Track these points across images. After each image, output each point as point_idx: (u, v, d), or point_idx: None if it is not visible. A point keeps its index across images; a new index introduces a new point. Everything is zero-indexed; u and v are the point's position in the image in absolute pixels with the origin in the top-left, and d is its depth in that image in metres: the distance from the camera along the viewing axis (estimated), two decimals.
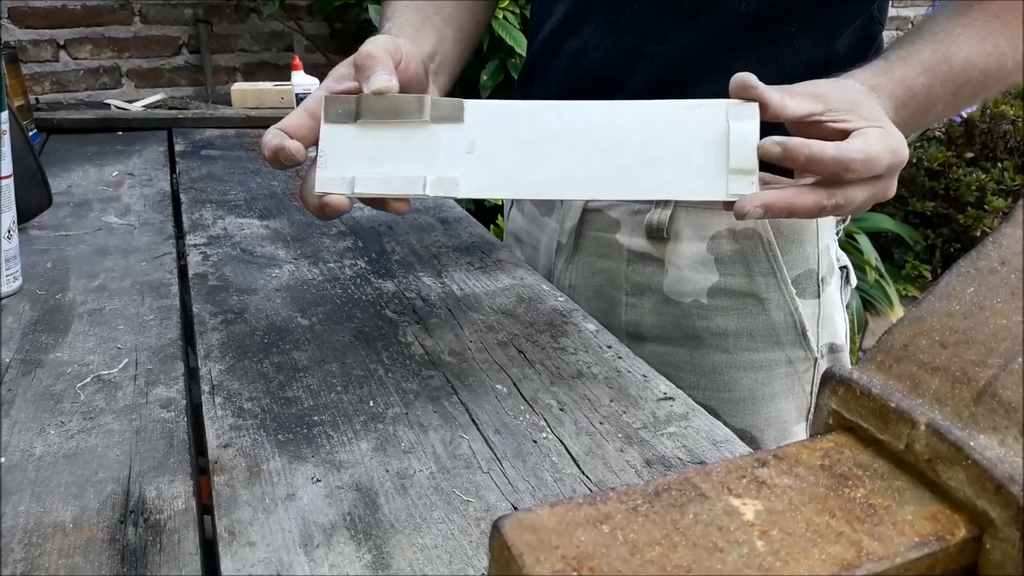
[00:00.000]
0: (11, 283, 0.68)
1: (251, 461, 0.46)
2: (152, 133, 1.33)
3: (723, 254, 0.71)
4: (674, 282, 0.73)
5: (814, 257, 0.73)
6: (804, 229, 0.72)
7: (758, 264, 0.71)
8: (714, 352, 0.73)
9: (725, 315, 0.72)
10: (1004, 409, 0.25)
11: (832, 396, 0.29)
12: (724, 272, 0.72)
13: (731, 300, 0.72)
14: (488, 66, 2.31)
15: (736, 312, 0.72)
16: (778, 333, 0.73)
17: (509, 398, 0.54)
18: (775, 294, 0.72)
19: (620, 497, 0.24)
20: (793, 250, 0.72)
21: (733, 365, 0.73)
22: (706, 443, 0.49)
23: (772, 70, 0.55)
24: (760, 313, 0.72)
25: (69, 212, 0.90)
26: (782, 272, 0.71)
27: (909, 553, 0.23)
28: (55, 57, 2.10)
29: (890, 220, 2.78)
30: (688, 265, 0.72)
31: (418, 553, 0.40)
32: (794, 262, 0.72)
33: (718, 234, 0.71)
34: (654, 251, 0.73)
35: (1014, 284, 0.28)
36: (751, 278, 0.72)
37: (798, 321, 0.72)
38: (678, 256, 0.72)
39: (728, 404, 0.74)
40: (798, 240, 0.72)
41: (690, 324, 0.73)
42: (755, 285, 0.72)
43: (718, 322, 0.72)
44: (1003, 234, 0.31)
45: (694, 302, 0.72)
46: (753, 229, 0.71)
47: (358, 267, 0.75)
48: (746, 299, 0.72)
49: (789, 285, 0.72)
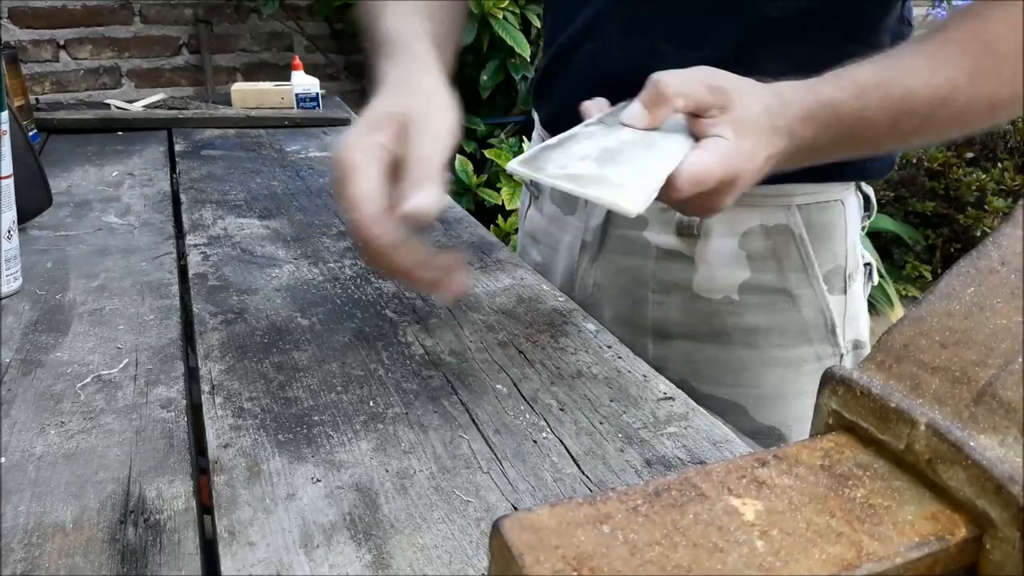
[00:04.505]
0: (11, 283, 0.68)
1: (251, 461, 0.46)
2: (152, 133, 1.33)
3: (755, 250, 0.71)
4: (704, 279, 0.73)
5: (842, 254, 0.73)
6: (834, 226, 0.72)
7: (790, 260, 0.71)
8: (743, 349, 0.73)
9: (756, 311, 0.72)
10: (1004, 409, 0.25)
11: (832, 396, 0.29)
12: (755, 268, 0.71)
13: (762, 296, 0.72)
14: (488, 66, 2.31)
15: (767, 308, 0.72)
16: (808, 329, 0.72)
17: (509, 398, 0.54)
18: (806, 290, 0.72)
19: (620, 497, 0.24)
20: (823, 246, 0.72)
21: (762, 362, 0.73)
22: (706, 443, 0.49)
23: (801, 71, 0.55)
24: (791, 309, 0.72)
25: (69, 212, 0.90)
26: (813, 268, 0.71)
27: (909, 553, 0.23)
28: (55, 57, 2.10)
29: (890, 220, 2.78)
30: (719, 262, 0.72)
31: (418, 553, 0.40)
32: (824, 258, 0.72)
33: (750, 230, 0.71)
34: (684, 248, 0.73)
35: (1014, 284, 0.28)
36: (782, 274, 0.71)
37: (828, 317, 0.72)
38: (709, 253, 0.72)
39: (756, 401, 0.74)
40: (828, 236, 0.72)
41: (720, 321, 0.73)
42: (786, 281, 0.71)
43: (748, 318, 0.72)
44: (1003, 234, 0.31)
45: (724, 298, 0.72)
46: (785, 225, 0.71)
47: (358, 267, 0.75)
48: (777, 295, 0.72)
49: (820, 281, 0.72)
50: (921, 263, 2.79)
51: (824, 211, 0.72)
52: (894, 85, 0.54)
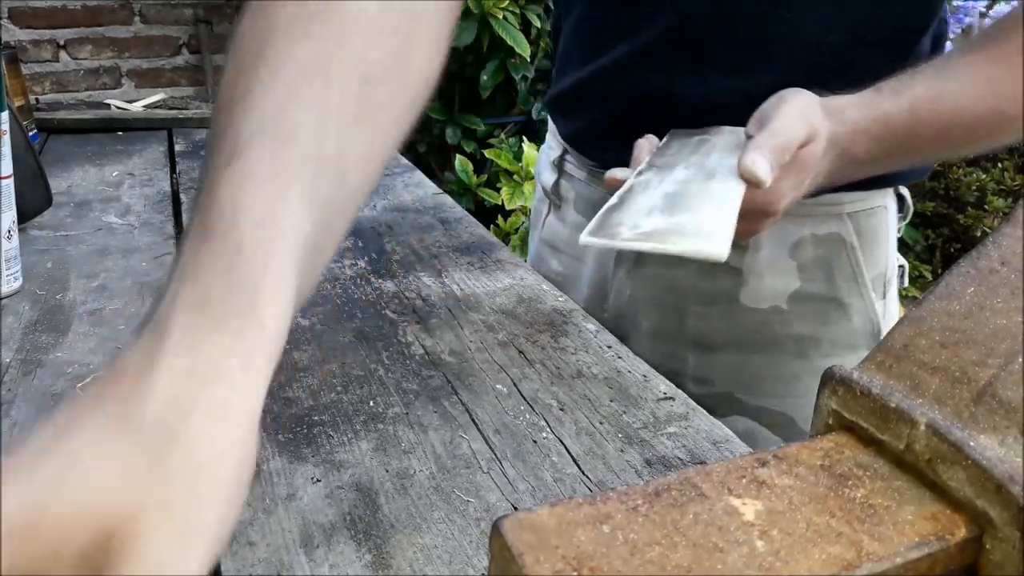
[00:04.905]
0: (11, 283, 0.68)
1: None
2: (152, 133, 1.33)
3: (805, 260, 0.70)
4: (752, 289, 0.71)
5: (884, 258, 0.72)
6: (879, 231, 0.71)
7: (840, 269, 0.70)
8: (793, 359, 0.72)
9: (805, 320, 0.71)
10: (1004, 409, 0.25)
11: (832, 396, 0.29)
12: (805, 278, 0.70)
13: (812, 305, 0.71)
14: (488, 66, 2.31)
15: (817, 317, 0.71)
16: (856, 337, 0.72)
17: (509, 398, 0.54)
18: (856, 299, 0.71)
19: (620, 497, 0.24)
20: (871, 253, 0.71)
21: (812, 371, 0.71)
22: (706, 443, 0.49)
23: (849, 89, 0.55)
24: (842, 319, 0.71)
25: (69, 212, 0.90)
26: (863, 277, 0.70)
27: (909, 553, 0.23)
28: (55, 57, 2.10)
29: None
30: (769, 272, 0.71)
31: (418, 553, 0.40)
32: (870, 264, 0.71)
33: (801, 240, 0.70)
34: (731, 259, 0.72)
35: (1014, 284, 0.28)
36: (833, 283, 0.70)
37: (876, 324, 0.72)
38: (759, 263, 0.71)
39: (808, 411, 0.73)
40: (875, 242, 0.71)
41: (769, 330, 0.71)
42: (837, 290, 0.70)
43: (798, 328, 0.71)
44: (1003, 234, 0.31)
45: (773, 308, 0.71)
46: (837, 234, 0.70)
47: (358, 267, 0.75)
48: (828, 304, 0.71)
49: (870, 290, 0.71)
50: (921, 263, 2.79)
51: (871, 217, 0.71)
52: (947, 100, 0.55)
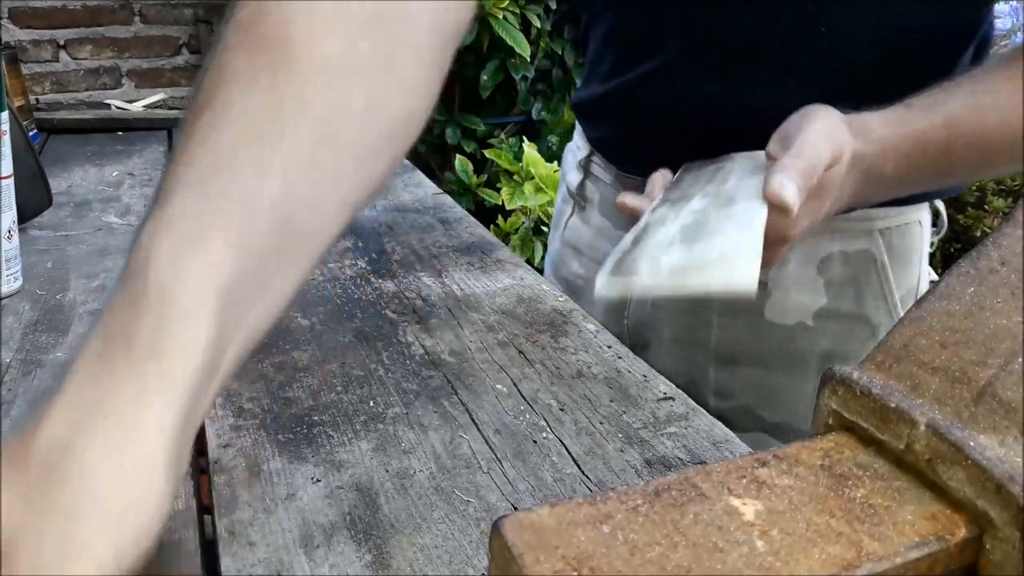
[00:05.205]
0: (11, 283, 0.68)
1: (251, 461, 0.46)
2: (152, 133, 1.33)
3: (833, 277, 0.69)
4: (777, 303, 0.70)
5: (916, 275, 0.71)
6: (912, 248, 0.70)
7: (870, 288, 0.69)
8: (817, 376, 0.71)
9: (831, 338, 0.69)
10: (1004, 409, 0.25)
11: (832, 396, 0.29)
12: (833, 295, 0.69)
13: (839, 323, 0.69)
14: (488, 66, 2.31)
15: (843, 335, 0.69)
16: None
17: (509, 398, 0.54)
18: (884, 318, 0.69)
19: (620, 497, 0.24)
20: (902, 270, 0.70)
21: None
22: (706, 443, 0.49)
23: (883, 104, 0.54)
24: (869, 337, 0.69)
25: (69, 212, 0.90)
26: (893, 296, 0.69)
27: (909, 553, 0.23)
28: (55, 57, 2.10)
29: None
30: (795, 287, 0.69)
31: (418, 553, 0.40)
32: (901, 282, 0.70)
33: (829, 256, 0.68)
34: None
35: (1014, 284, 0.28)
36: (861, 301, 0.69)
37: None
38: (785, 278, 0.69)
39: None
40: (907, 259, 0.70)
41: (794, 346, 0.70)
42: (865, 308, 0.69)
43: (823, 344, 0.70)
44: (1003, 234, 0.31)
45: (799, 324, 0.70)
46: (867, 251, 0.68)
47: (358, 267, 0.75)
48: (854, 322, 0.69)
49: (899, 308, 0.69)
50: None
51: (903, 234, 0.70)
52: (985, 114, 0.54)
